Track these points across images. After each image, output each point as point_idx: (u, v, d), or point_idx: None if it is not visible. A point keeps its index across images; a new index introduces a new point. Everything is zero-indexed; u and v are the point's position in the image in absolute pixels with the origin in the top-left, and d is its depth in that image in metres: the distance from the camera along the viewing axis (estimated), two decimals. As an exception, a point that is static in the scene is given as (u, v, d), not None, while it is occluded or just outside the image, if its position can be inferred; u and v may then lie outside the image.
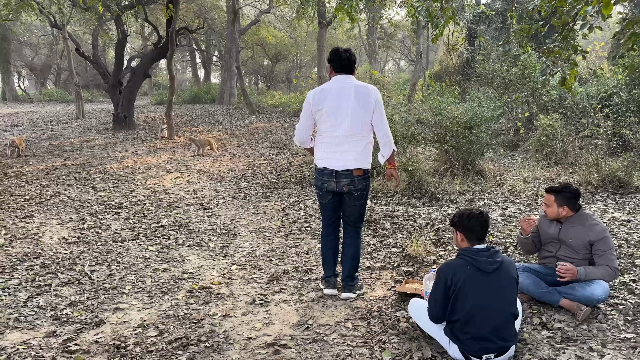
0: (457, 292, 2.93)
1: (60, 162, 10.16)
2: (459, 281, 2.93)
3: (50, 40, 35.95)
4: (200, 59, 39.54)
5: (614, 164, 7.40)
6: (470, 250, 3.04)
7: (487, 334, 2.86)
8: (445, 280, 2.98)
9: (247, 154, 11.37)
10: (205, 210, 6.66)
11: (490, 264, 2.95)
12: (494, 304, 2.90)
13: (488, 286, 2.92)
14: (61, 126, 17.21)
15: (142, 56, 18.57)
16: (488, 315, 2.88)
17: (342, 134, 3.71)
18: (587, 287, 3.54)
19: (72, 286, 4.23)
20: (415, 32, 24.02)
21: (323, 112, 3.74)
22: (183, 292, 4.10)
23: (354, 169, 3.73)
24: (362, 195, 3.87)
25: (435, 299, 3.05)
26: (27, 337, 3.38)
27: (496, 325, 2.88)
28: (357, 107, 3.67)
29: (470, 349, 2.90)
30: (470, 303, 2.89)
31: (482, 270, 2.94)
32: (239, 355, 3.14)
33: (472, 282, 2.92)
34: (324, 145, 3.81)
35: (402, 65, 53.44)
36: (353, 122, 3.69)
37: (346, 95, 3.69)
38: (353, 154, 3.73)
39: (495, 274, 2.94)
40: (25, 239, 5.40)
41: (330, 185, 3.81)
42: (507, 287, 2.97)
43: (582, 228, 3.63)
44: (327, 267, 4.05)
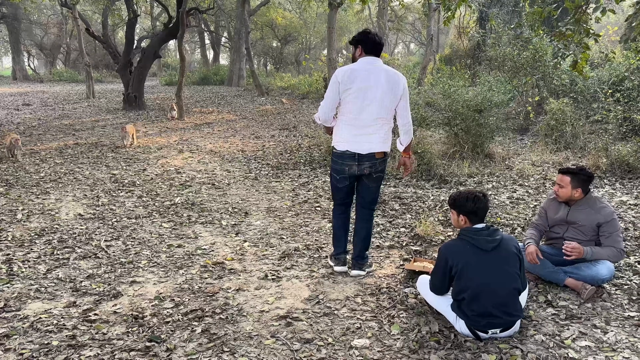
0: (459, 272, 3.03)
1: (72, 141, 10.28)
2: (460, 261, 3.04)
3: (59, 19, 35.96)
4: (209, 40, 39.43)
5: (623, 149, 7.42)
6: (470, 230, 3.13)
7: (492, 309, 2.96)
8: (445, 260, 3.09)
9: (257, 136, 11.44)
10: (217, 190, 6.76)
11: (490, 242, 3.04)
12: (497, 280, 3.00)
13: (489, 264, 3.01)
14: (72, 106, 17.33)
15: (152, 36, 18.60)
16: (492, 292, 2.98)
17: (368, 116, 3.68)
18: (593, 267, 3.62)
19: (89, 260, 4.35)
20: (426, 15, 23.83)
21: (351, 92, 3.67)
22: (197, 267, 4.21)
23: (376, 152, 3.75)
24: (381, 177, 3.91)
25: (437, 277, 3.19)
26: (48, 306, 3.50)
27: (501, 301, 2.98)
28: (387, 91, 3.65)
29: (477, 324, 3.00)
30: (474, 282, 2.99)
31: (482, 249, 3.03)
32: (252, 326, 3.25)
33: (473, 261, 3.02)
34: (347, 128, 3.76)
35: (412, 48, 53.04)
36: (381, 105, 3.66)
37: (377, 78, 3.65)
38: (377, 137, 3.73)
39: (496, 252, 3.04)
40: (42, 215, 5.53)
41: (352, 169, 3.80)
42: (509, 263, 3.05)
43: (591, 210, 3.70)
44: (338, 244, 4.09)
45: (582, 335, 3.08)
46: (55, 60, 40.77)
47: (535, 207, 5.76)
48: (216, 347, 3.01)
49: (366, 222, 4.02)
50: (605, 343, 2.99)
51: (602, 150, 7.54)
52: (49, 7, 35.62)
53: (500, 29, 13.43)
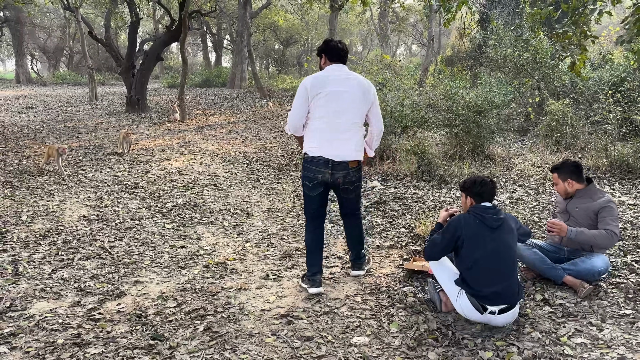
0: (466, 242, 3.21)
1: (75, 144, 10.36)
2: (468, 232, 3.22)
3: (62, 23, 36.16)
4: (211, 43, 39.57)
5: (623, 149, 7.45)
6: (478, 207, 3.32)
7: (496, 283, 3.15)
8: (455, 229, 3.26)
9: (258, 137, 11.51)
10: (219, 191, 6.83)
11: (496, 221, 3.24)
12: (501, 256, 3.19)
13: (495, 240, 3.20)
14: (75, 108, 17.43)
15: (155, 39, 18.70)
16: (496, 267, 3.18)
17: (345, 121, 3.58)
18: (588, 261, 3.69)
19: (93, 260, 4.42)
20: (428, 16, 23.90)
21: (321, 96, 3.55)
22: (199, 267, 4.27)
23: (350, 161, 3.62)
24: (358, 186, 3.81)
25: (440, 243, 3.32)
26: (53, 306, 3.57)
27: (504, 277, 3.18)
28: (360, 97, 3.61)
29: (481, 295, 3.15)
30: (478, 253, 3.17)
31: (488, 225, 3.22)
32: (253, 325, 3.31)
33: (479, 235, 3.21)
34: (319, 132, 3.61)
35: (414, 49, 53.11)
36: (356, 110, 3.61)
37: (349, 83, 3.60)
38: (352, 143, 3.62)
39: (500, 230, 3.24)
40: (46, 216, 5.60)
41: (324, 176, 3.63)
42: (511, 241, 3.28)
43: (589, 200, 3.81)
44: (313, 262, 3.80)
45: (578, 333, 3.13)
46: (58, 63, 41.00)
47: (535, 207, 5.81)
48: (218, 344, 3.07)
49: (354, 223, 3.98)
50: (601, 340, 3.04)
51: (602, 151, 7.58)
52: (52, 10, 35.82)
53: (502, 30, 13.47)
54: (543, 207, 5.78)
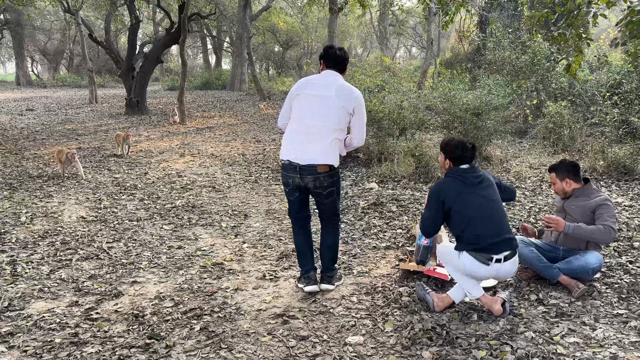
0: (453, 205, 3.29)
1: (75, 146, 10.39)
2: (452, 195, 3.30)
3: (62, 25, 36.23)
4: (211, 45, 39.64)
5: (620, 151, 7.48)
6: (457, 169, 3.41)
7: (492, 232, 3.27)
8: (438, 196, 3.34)
9: (257, 139, 11.54)
10: (217, 192, 6.86)
11: (476, 178, 3.37)
12: (489, 206, 3.32)
13: (479, 195, 3.32)
14: (75, 110, 17.48)
15: (155, 42, 18.76)
16: (488, 217, 3.29)
17: (315, 123, 3.55)
18: (581, 258, 3.73)
19: (92, 261, 4.45)
20: (427, 19, 23.96)
21: (300, 97, 3.62)
22: (197, 268, 4.30)
23: (318, 165, 3.53)
24: (332, 192, 3.69)
25: (429, 214, 3.39)
26: (51, 306, 3.59)
27: (497, 225, 3.30)
28: (336, 104, 3.54)
29: (482, 246, 3.25)
30: (469, 211, 3.27)
31: (469, 184, 3.34)
32: (249, 324, 3.33)
33: (463, 193, 3.30)
34: (291, 135, 3.62)
35: (413, 52, 53.21)
36: (329, 115, 3.55)
37: (328, 89, 3.58)
38: (319, 146, 3.53)
39: (481, 185, 3.37)
40: (45, 217, 5.62)
41: (295, 180, 3.62)
42: (493, 193, 3.40)
43: (586, 198, 3.86)
44: (304, 261, 3.85)
45: (571, 332, 3.15)
46: (59, 65, 41.07)
47: (531, 208, 5.83)
48: (214, 344, 3.09)
49: (330, 230, 3.85)
50: (594, 339, 3.06)
51: (599, 153, 7.61)
52: (52, 13, 35.88)
53: (500, 33, 13.52)
54: (540, 209, 5.81)
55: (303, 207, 3.84)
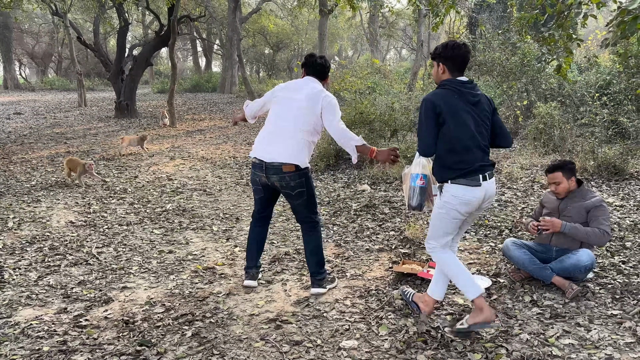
0: (446, 119, 2.97)
1: (64, 149, 10.29)
2: (447, 105, 2.98)
3: (51, 28, 35.92)
4: (201, 48, 39.51)
5: (610, 152, 7.51)
6: (454, 80, 3.06)
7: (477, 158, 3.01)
8: (434, 107, 2.98)
9: (249, 142, 11.49)
10: (208, 196, 6.80)
11: (474, 96, 3.05)
12: (482, 131, 3.06)
13: (473, 117, 3.02)
14: (63, 114, 17.33)
15: (144, 44, 18.64)
16: (475, 143, 3.01)
17: (284, 124, 3.58)
18: (573, 256, 3.73)
19: (81, 267, 4.38)
20: (417, 21, 24.01)
21: (276, 99, 3.71)
22: (188, 272, 4.25)
23: (283, 164, 3.52)
24: (302, 192, 3.65)
25: (426, 129, 3.03)
26: (39, 313, 3.53)
27: (483, 149, 3.06)
28: (305, 104, 3.58)
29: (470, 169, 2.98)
30: (461, 132, 2.98)
31: (466, 100, 3.02)
32: (242, 330, 3.28)
33: (459, 110, 2.99)
34: (262, 135, 3.70)
35: (403, 54, 53.34)
36: (299, 117, 3.57)
37: (300, 92, 3.64)
38: (286, 145, 3.54)
39: (478, 106, 3.06)
40: (33, 222, 5.54)
41: (261, 179, 3.66)
42: (486, 119, 3.11)
43: (582, 199, 3.86)
44: (249, 256, 3.94)
45: (566, 334, 3.14)
46: (47, 68, 40.74)
47: (524, 209, 5.83)
48: (206, 350, 3.04)
49: (310, 234, 3.79)
50: (588, 341, 3.05)
51: (590, 153, 7.63)
52: (40, 15, 35.60)
53: (490, 34, 13.57)
54: (532, 209, 5.80)
55: (264, 207, 3.92)
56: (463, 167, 2.99)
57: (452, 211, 3.06)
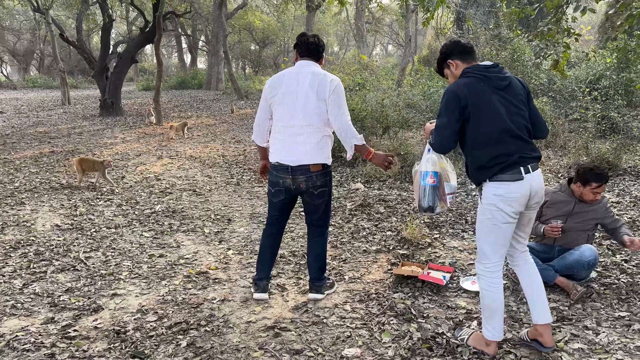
0: (474, 111, 2.65)
1: (48, 149, 10.04)
2: (474, 98, 2.65)
3: (32, 25, 35.32)
4: (186, 44, 39.11)
5: (602, 147, 7.48)
6: (478, 66, 2.74)
7: (518, 148, 2.66)
8: (458, 99, 2.65)
9: (237, 140, 11.32)
10: (198, 196, 6.64)
11: (502, 80, 2.71)
12: (516, 120, 2.69)
13: (503, 104, 2.68)
14: (47, 113, 16.99)
15: (128, 41, 18.34)
16: (518, 128, 2.67)
17: (297, 123, 3.37)
18: (575, 252, 3.67)
19: (68, 273, 4.21)
20: (404, 17, 23.93)
21: (277, 97, 3.42)
22: (180, 278, 4.10)
23: (310, 164, 3.39)
24: (324, 192, 3.50)
25: (447, 122, 2.69)
26: (25, 323, 3.36)
27: (524, 142, 2.68)
28: (311, 95, 3.34)
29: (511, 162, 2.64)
30: (493, 120, 2.65)
31: (494, 86, 2.69)
32: (239, 338, 3.15)
33: (488, 98, 2.66)
34: (276, 136, 3.48)
35: (389, 49, 53.31)
36: (307, 110, 3.35)
37: (302, 80, 3.38)
38: (308, 146, 3.37)
39: (509, 89, 2.72)
40: (17, 226, 5.34)
41: (286, 182, 3.46)
42: (521, 104, 2.75)
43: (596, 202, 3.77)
44: (261, 267, 3.73)
45: (575, 337, 3.05)
46: (29, 66, 40.09)
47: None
48: (202, 361, 2.91)
49: (317, 239, 3.64)
50: (598, 345, 2.96)
51: (582, 149, 7.60)
52: (21, 12, 34.96)
53: (478, 29, 13.52)
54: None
55: (284, 211, 3.67)
56: (500, 162, 2.64)
57: (497, 213, 2.68)
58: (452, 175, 3.02)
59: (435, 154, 2.95)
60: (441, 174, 2.97)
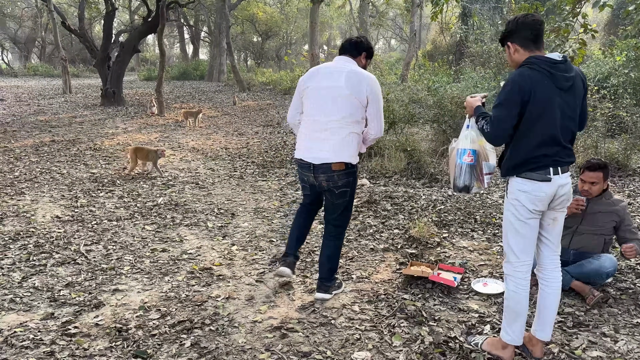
0: (532, 109, 2.49)
1: (48, 138, 9.92)
2: (537, 95, 2.47)
3: (34, 12, 35.10)
4: (188, 35, 38.87)
5: (612, 146, 7.36)
6: (545, 60, 2.51)
7: (561, 152, 2.56)
8: (522, 92, 2.47)
9: (240, 132, 11.19)
10: (201, 189, 6.53)
11: (567, 80, 2.52)
12: (569, 124, 2.57)
13: (565, 105, 2.53)
14: (48, 101, 16.84)
15: (131, 30, 18.17)
16: (564, 135, 2.56)
17: (323, 119, 3.29)
18: (595, 262, 3.54)
19: (68, 266, 4.10)
20: (409, 11, 23.75)
21: (308, 90, 3.38)
22: (183, 273, 3.99)
23: (332, 163, 3.27)
24: (345, 192, 3.41)
25: (507, 114, 2.51)
26: (24, 319, 3.26)
27: (563, 147, 2.57)
28: (345, 93, 3.25)
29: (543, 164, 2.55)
30: (552, 122, 2.51)
31: (559, 87, 2.50)
32: (245, 339, 3.05)
33: (549, 99, 2.49)
34: (303, 131, 3.42)
35: (392, 44, 53.04)
36: (338, 106, 3.27)
37: (336, 76, 3.30)
38: (331, 143, 3.27)
39: (571, 91, 2.55)
40: (16, 217, 5.24)
41: (309, 179, 3.44)
42: (577, 107, 2.61)
43: (610, 202, 3.66)
44: (289, 244, 3.70)
45: (592, 345, 2.94)
46: (30, 54, 39.89)
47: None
48: (207, 362, 2.80)
49: (332, 239, 3.53)
50: (617, 353, 2.86)
51: (592, 148, 7.48)
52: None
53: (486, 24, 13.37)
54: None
55: (314, 201, 3.68)
56: (533, 162, 2.55)
57: (522, 208, 2.60)
58: (492, 155, 2.87)
59: (474, 130, 2.81)
60: (480, 152, 2.83)
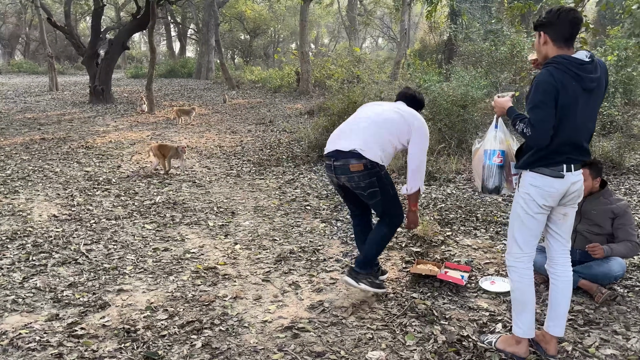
0: (560, 111, 2.47)
1: (38, 136, 9.76)
2: (565, 97, 2.46)
3: (18, 8, 34.56)
4: (175, 32, 38.55)
5: (606, 145, 7.43)
6: (573, 60, 2.48)
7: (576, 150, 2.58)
8: (556, 91, 2.44)
9: (233, 130, 11.11)
10: (199, 188, 6.46)
11: (592, 81, 2.50)
12: (589, 125, 2.59)
13: (588, 106, 2.53)
14: (34, 98, 16.59)
15: (119, 27, 17.97)
16: (583, 135, 2.57)
17: (361, 119, 3.34)
18: (604, 264, 3.52)
19: (70, 266, 4.03)
20: (398, 10, 23.77)
21: None
22: (188, 273, 3.94)
23: (350, 164, 3.19)
24: (375, 192, 3.27)
25: (547, 113, 2.44)
26: (28, 320, 3.19)
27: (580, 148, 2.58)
28: (392, 116, 3.31)
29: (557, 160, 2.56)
30: (573, 124, 2.51)
31: (584, 88, 2.49)
32: (256, 339, 3.01)
33: (575, 101, 2.48)
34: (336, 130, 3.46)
35: (379, 42, 53.10)
36: (381, 116, 3.30)
37: (389, 106, 3.44)
38: (356, 136, 3.22)
39: (595, 92, 2.54)
40: (12, 216, 5.14)
41: (333, 180, 3.40)
42: (598, 107, 2.63)
43: (606, 201, 3.63)
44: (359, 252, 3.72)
45: (605, 343, 2.95)
46: (14, 51, 39.27)
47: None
48: (221, 363, 2.76)
49: (382, 225, 3.44)
50: (630, 350, 2.87)
51: (587, 147, 7.53)
52: (6, -5, 34.17)
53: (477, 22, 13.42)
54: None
55: (354, 203, 3.61)
56: (550, 159, 2.55)
57: (532, 203, 2.61)
58: None
59: (502, 131, 2.82)
60: (507, 152, 2.82)
